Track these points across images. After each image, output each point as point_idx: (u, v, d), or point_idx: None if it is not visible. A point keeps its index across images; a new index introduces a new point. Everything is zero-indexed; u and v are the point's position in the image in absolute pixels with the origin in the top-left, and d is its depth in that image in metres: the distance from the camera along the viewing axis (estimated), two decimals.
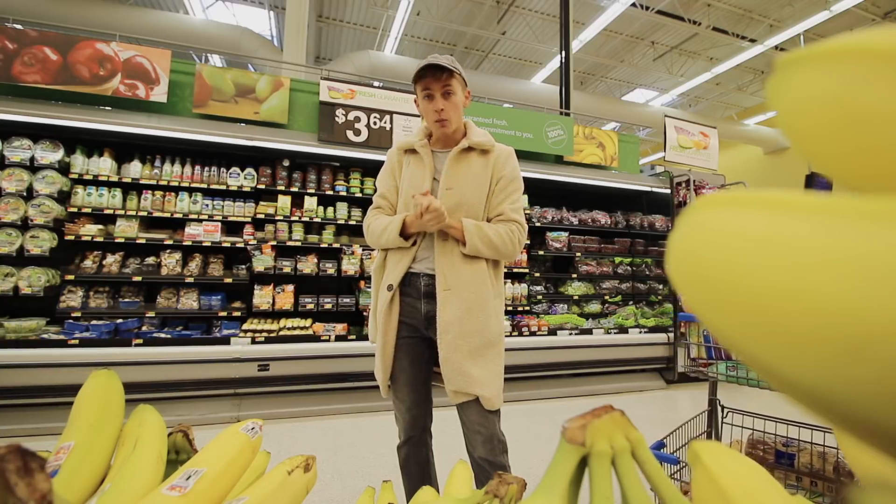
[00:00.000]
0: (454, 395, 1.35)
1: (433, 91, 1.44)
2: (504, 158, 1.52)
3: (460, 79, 1.48)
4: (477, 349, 1.36)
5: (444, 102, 1.45)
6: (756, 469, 0.40)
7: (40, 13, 5.62)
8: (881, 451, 0.15)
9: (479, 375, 1.34)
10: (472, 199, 1.44)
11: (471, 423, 1.36)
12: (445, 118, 1.46)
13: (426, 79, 1.43)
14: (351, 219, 3.84)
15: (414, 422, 1.47)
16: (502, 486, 0.48)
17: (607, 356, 4.25)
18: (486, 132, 1.57)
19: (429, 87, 1.44)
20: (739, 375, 1.52)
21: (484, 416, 1.35)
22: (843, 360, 0.13)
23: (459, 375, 1.34)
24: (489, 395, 1.34)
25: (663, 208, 5.09)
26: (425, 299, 1.43)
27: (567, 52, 6.33)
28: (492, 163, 1.49)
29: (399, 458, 1.51)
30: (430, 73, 1.42)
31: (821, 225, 0.15)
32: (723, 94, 12.04)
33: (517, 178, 1.53)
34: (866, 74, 0.17)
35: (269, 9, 8.47)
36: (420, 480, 1.50)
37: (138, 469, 0.51)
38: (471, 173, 1.47)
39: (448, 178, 1.46)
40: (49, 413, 2.77)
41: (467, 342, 1.35)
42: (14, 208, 3.01)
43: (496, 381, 1.38)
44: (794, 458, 1.42)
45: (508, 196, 1.50)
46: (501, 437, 1.37)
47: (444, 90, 1.44)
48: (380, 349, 1.45)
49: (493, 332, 1.39)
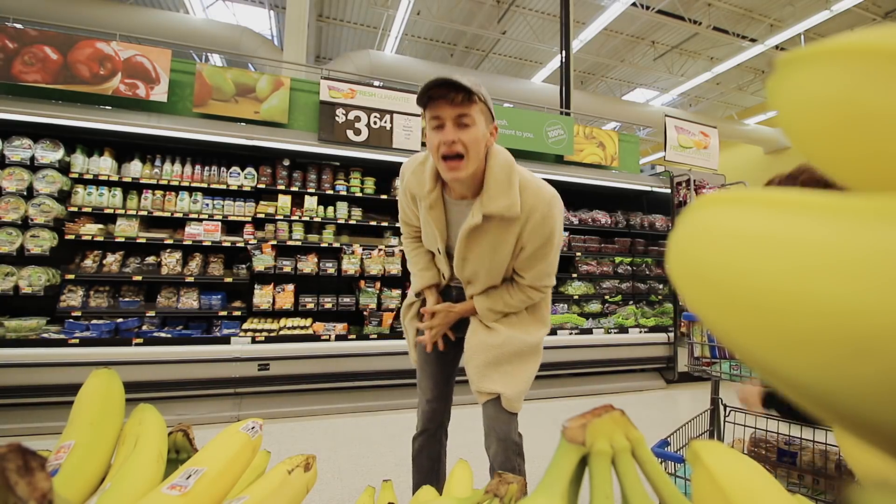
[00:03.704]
0: (478, 394, 1.36)
1: (443, 118, 1.10)
2: (535, 225, 1.19)
3: (484, 107, 1.15)
4: (504, 355, 1.34)
5: (457, 133, 1.09)
6: (756, 468, 0.40)
7: (40, 13, 5.61)
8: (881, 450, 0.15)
9: (501, 377, 1.32)
10: (494, 268, 1.28)
11: (488, 421, 1.34)
12: (457, 153, 1.09)
13: (436, 101, 1.09)
14: (351, 218, 3.84)
15: (433, 414, 1.49)
16: (502, 485, 0.48)
17: (607, 356, 4.25)
18: (516, 179, 1.18)
19: (438, 113, 1.09)
20: (743, 374, 1.53)
21: (500, 415, 1.32)
22: (844, 360, 0.13)
23: (482, 376, 1.33)
24: (510, 395, 1.30)
25: (663, 208, 5.09)
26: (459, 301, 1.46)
27: (567, 52, 6.33)
28: (517, 230, 1.20)
29: (413, 449, 1.53)
30: (441, 94, 1.07)
31: (821, 224, 0.15)
32: (723, 94, 12.03)
33: (550, 241, 1.23)
34: (867, 74, 0.17)
35: (270, 8, 8.46)
36: (429, 475, 1.51)
37: (139, 468, 0.51)
38: (487, 244, 1.23)
39: (462, 249, 1.25)
40: (49, 412, 2.77)
41: (494, 351, 1.34)
42: (14, 208, 3.01)
43: (519, 385, 1.32)
44: (796, 457, 1.42)
45: (535, 266, 1.27)
46: (517, 440, 1.35)
47: (459, 118, 1.09)
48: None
49: (527, 342, 1.35)
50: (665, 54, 9.89)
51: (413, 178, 1.30)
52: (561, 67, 6.35)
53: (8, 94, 3.13)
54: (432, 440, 1.51)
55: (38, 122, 3.12)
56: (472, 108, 1.10)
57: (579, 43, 8.82)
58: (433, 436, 1.51)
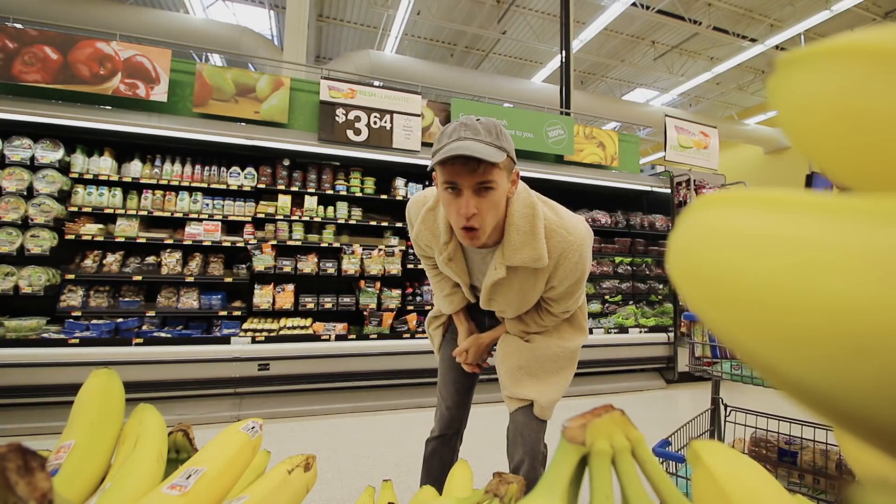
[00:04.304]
0: (509, 400, 1.32)
1: (461, 186, 0.97)
2: (566, 270, 1.11)
3: (508, 161, 1.00)
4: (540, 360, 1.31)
5: (478, 202, 0.98)
6: (756, 468, 0.40)
7: (40, 12, 5.62)
8: (881, 449, 0.15)
9: (536, 383, 1.29)
10: (524, 304, 1.24)
11: (516, 427, 1.29)
12: (477, 227, 1.00)
13: (451, 166, 0.96)
14: (351, 218, 3.84)
15: (451, 421, 1.48)
16: (502, 485, 0.48)
17: (607, 356, 4.25)
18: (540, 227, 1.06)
19: (455, 180, 0.97)
20: (744, 374, 1.53)
21: (531, 423, 1.27)
22: (844, 360, 0.13)
23: (515, 381, 1.29)
24: (544, 403, 1.26)
25: (663, 208, 5.09)
26: (489, 317, 1.43)
27: (567, 52, 6.33)
28: (545, 275, 1.14)
29: (426, 450, 1.51)
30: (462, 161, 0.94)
31: (821, 224, 0.15)
32: (723, 94, 12.03)
33: (582, 278, 1.18)
34: (867, 73, 0.17)
35: (270, 8, 8.46)
36: (438, 480, 1.50)
37: (139, 468, 0.51)
38: (514, 291, 1.17)
39: (488, 293, 1.20)
40: (49, 412, 2.77)
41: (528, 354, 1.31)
42: (14, 207, 3.01)
43: (554, 393, 1.29)
44: (796, 456, 1.42)
45: (566, 300, 1.22)
46: (544, 451, 1.32)
47: (479, 185, 0.96)
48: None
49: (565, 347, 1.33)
50: (665, 54, 9.89)
51: (423, 227, 1.18)
52: (561, 67, 6.35)
53: (8, 94, 3.13)
54: (447, 446, 1.49)
55: (38, 122, 3.12)
56: (494, 172, 0.96)
57: (579, 43, 8.82)
58: (448, 442, 1.49)
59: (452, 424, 1.48)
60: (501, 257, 1.09)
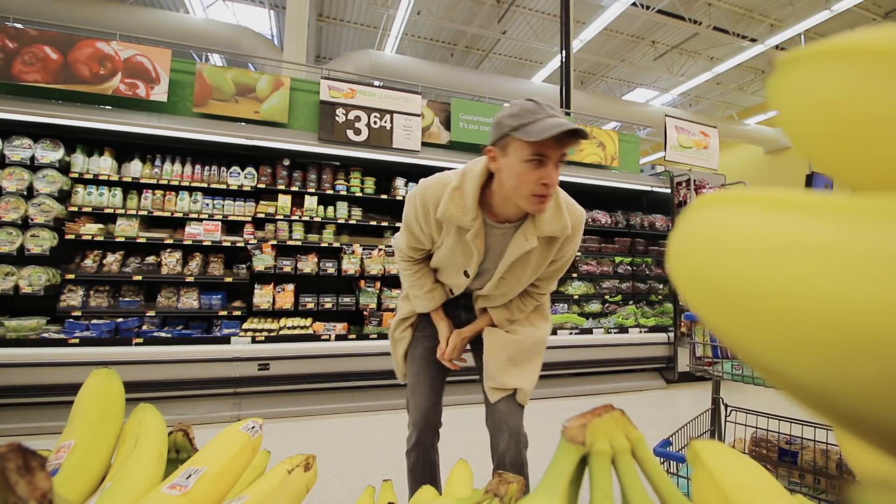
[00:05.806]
0: (493, 391, 1.37)
1: (549, 157, 1.05)
2: (572, 242, 1.26)
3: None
4: (522, 351, 1.39)
5: (556, 174, 1.08)
6: (756, 468, 0.40)
7: (40, 12, 5.61)
8: (881, 449, 0.15)
9: (519, 372, 1.37)
10: (523, 284, 1.32)
11: (501, 416, 1.35)
12: (551, 194, 1.12)
13: (547, 140, 1.02)
14: (351, 218, 3.84)
15: (427, 424, 1.46)
16: (502, 485, 0.48)
17: (607, 356, 4.25)
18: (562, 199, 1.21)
19: (546, 152, 1.04)
20: (745, 374, 1.53)
21: (514, 409, 1.36)
22: (844, 360, 0.13)
23: (503, 372, 1.35)
24: (527, 388, 1.36)
25: (663, 208, 5.09)
26: (465, 311, 1.48)
27: (567, 52, 6.33)
28: (556, 247, 1.25)
29: (408, 463, 1.49)
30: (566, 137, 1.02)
31: (821, 224, 0.15)
32: (723, 94, 12.03)
33: (573, 254, 1.31)
34: (867, 73, 0.17)
35: (270, 8, 8.46)
36: (429, 481, 1.49)
37: (139, 468, 0.51)
38: (531, 265, 1.26)
39: (504, 271, 1.26)
40: (49, 412, 2.77)
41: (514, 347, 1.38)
42: (14, 207, 3.01)
43: (533, 379, 1.39)
44: (797, 456, 1.42)
45: (555, 276, 1.35)
46: (525, 434, 1.39)
47: (560, 157, 1.08)
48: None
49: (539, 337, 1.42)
50: (665, 54, 9.89)
51: (452, 205, 1.18)
52: (561, 67, 6.35)
53: (8, 94, 3.13)
54: (428, 450, 1.48)
55: (38, 122, 3.12)
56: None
57: (579, 43, 8.82)
58: (429, 446, 1.48)
59: (430, 426, 1.47)
60: (533, 228, 1.18)
